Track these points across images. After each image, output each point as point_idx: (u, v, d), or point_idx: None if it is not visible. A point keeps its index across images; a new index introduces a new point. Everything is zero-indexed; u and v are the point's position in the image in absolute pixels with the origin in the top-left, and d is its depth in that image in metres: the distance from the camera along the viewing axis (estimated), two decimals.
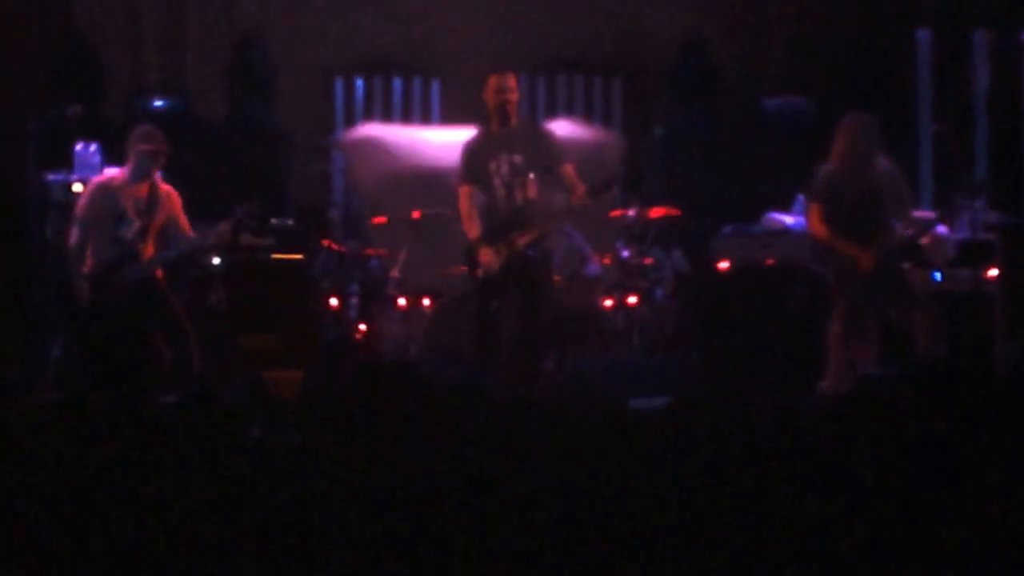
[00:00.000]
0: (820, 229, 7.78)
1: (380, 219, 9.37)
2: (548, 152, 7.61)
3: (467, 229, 7.58)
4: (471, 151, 7.66)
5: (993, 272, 8.83)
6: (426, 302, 9.13)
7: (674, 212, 9.10)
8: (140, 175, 7.71)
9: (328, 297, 9.28)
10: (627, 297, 9.10)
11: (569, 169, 7.58)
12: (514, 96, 7.58)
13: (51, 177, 9.11)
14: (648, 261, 9.25)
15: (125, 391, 7.23)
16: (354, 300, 9.37)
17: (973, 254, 8.86)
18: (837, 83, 10.46)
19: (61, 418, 3.96)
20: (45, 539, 3.44)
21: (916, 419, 3.79)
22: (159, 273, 7.75)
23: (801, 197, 9.39)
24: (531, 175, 7.51)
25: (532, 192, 7.53)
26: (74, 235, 7.72)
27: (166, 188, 7.81)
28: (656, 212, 9.06)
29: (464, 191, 7.62)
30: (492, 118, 7.58)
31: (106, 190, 7.75)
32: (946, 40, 10.31)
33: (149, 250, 7.66)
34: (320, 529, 3.43)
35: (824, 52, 10.61)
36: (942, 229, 8.75)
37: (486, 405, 3.99)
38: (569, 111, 10.90)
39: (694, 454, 3.62)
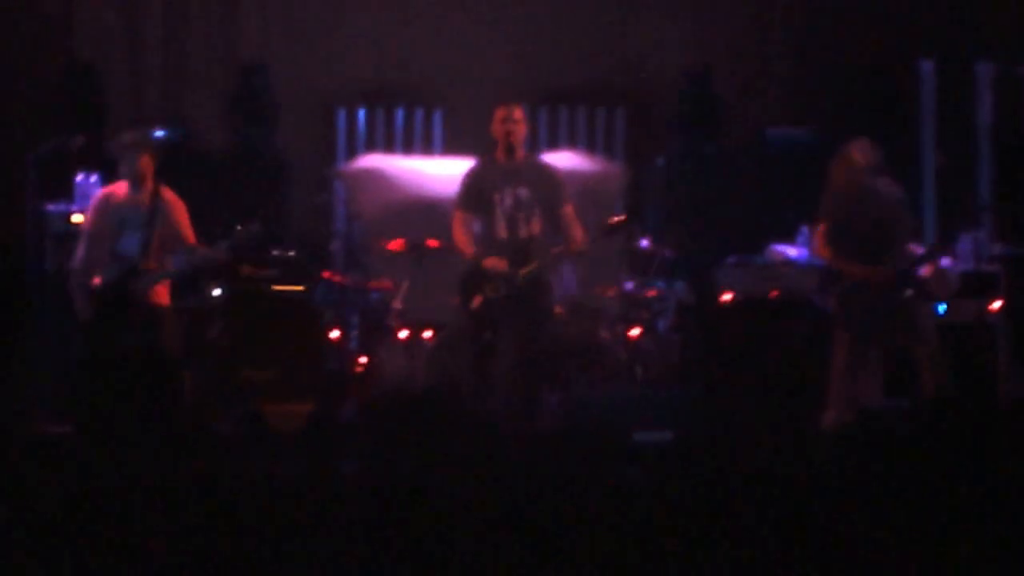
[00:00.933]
0: (825, 251, 7.69)
1: (395, 245, 9.27)
2: (553, 190, 7.57)
3: (463, 250, 7.52)
4: (473, 179, 7.62)
5: (997, 304, 8.81)
6: (427, 334, 9.09)
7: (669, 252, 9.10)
8: (134, 179, 7.49)
9: (329, 329, 9.24)
10: (630, 329, 9.08)
11: (569, 211, 7.55)
12: (521, 128, 7.55)
13: (51, 208, 9.10)
14: (651, 293, 9.23)
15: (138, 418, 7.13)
16: (355, 332, 9.33)
17: (977, 285, 8.83)
18: (840, 113, 10.46)
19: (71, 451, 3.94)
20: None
21: (918, 453, 3.81)
22: (162, 295, 7.53)
23: (805, 229, 9.39)
24: (536, 211, 7.47)
25: (536, 228, 7.49)
26: (79, 250, 7.58)
27: (170, 197, 7.61)
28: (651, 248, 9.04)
29: (460, 216, 7.58)
30: (498, 149, 7.54)
31: (107, 201, 7.57)
32: (949, 71, 10.32)
33: (152, 265, 7.46)
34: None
35: (827, 82, 10.61)
36: (945, 261, 8.70)
37: (487, 437, 3.97)
38: (572, 142, 10.89)
39: (698, 488, 3.62)
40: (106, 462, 3.79)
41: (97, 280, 7.41)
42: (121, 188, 7.60)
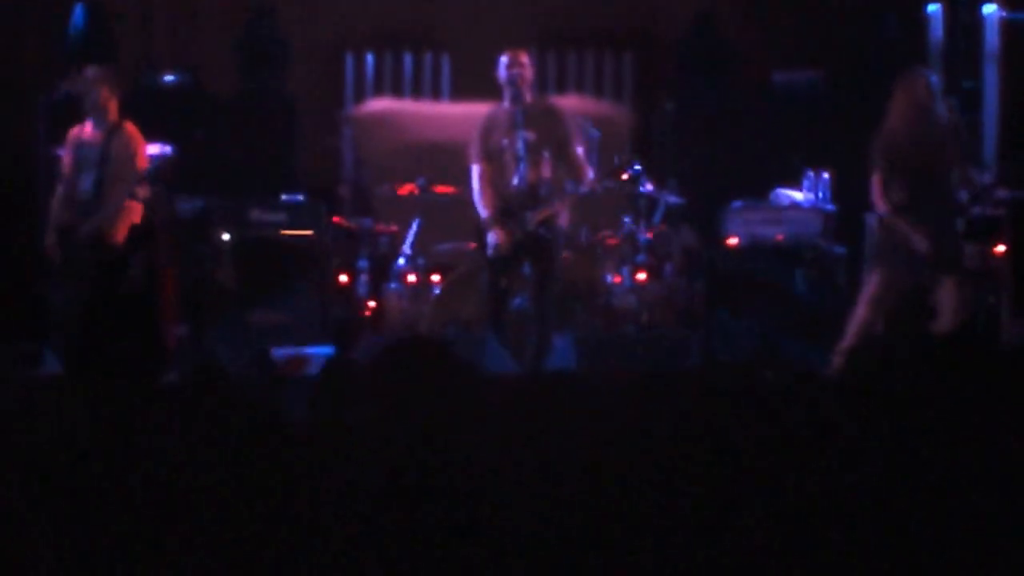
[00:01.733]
0: (882, 204, 7.61)
1: (404, 189, 9.28)
2: (561, 132, 7.58)
3: (480, 207, 7.56)
4: (484, 129, 7.63)
5: (1001, 248, 8.79)
6: (435, 278, 9.13)
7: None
8: (96, 114, 7.44)
9: (338, 273, 9.27)
10: (636, 273, 9.10)
11: (580, 151, 7.58)
12: (527, 72, 7.55)
13: (61, 152, 9.12)
14: (656, 237, 9.25)
15: (103, 369, 7.11)
16: (363, 277, 9.37)
17: (981, 230, 8.81)
18: (847, 56, 10.42)
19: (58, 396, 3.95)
20: (41, 528, 3.45)
21: (923, 393, 3.79)
22: (115, 232, 7.47)
23: (810, 173, 9.40)
24: (545, 153, 7.48)
25: (545, 171, 7.50)
26: (57, 191, 7.55)
27: (129, 131, 7.54)
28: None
29: (477, 169, 7.61)
30: (504, 95, 7.55)
31: (74, 141, 7.51)
32: (957, 14, 10.25)
33: (102, 203, 7.42)
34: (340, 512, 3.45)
35: (834, 25, 10.56)
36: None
37: (496, 384, 3.99)
38: (579, 86, 10.88)
39: (699, 422, 3.63)
40: (100, 408, 3.80)
41: (58, 222, 7.42)
42: (87, 126, 7.55)
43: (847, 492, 3.47)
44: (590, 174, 7.61)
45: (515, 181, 7.49)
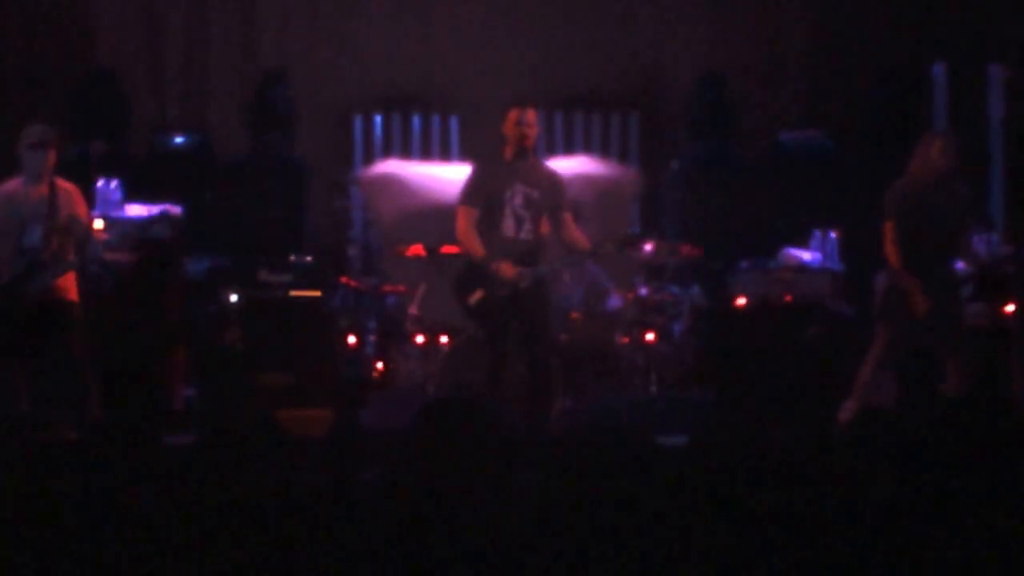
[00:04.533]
0: (891, 252, 7.59)
1: (412, 250, 9.29)
2: (558, 195, 7.55)
3: (471, 248, 7.41)
4: (482, 176, 7.55)
5: (1010, 307, 8.78)
6: (444, 339, 9.10)
7: (696, 251, 9.07)
8: (32, 174, 7.40)
9: (346, 335, 9.27)
10: (645, 333, 9.07)
11: (569, 217, 7.53)
12: (534, 131, 7.50)
13: None
14: (666, 297, 9.24)
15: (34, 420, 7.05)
16: (372, 337, 9.35)
17: (990, 288, 8.80)
18: (853, 117, 10.46)
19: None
20: None
21: (932, 455, 3.85)
22: (70, 289, 7.37)
23: (818, 233, 9.40)
24: (543, 213, 7.46)
25: (543, 229, 7.48)
26: None
27: (66, 186, 7.51)
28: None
29: (466, 211, 7.46)
30: (508, 149, 7.51)
31: (7, 197, 7.46)
32: (962, 74, 10.29)
33: (54, 256, 7.32)
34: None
35: (840, 86, 10.61)
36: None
37: (503, 444, 3.99)
38: (586, 147, 10.91)
39: (714, 490, 3.66)
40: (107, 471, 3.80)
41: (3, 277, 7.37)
42: (14, 184, 7.50)
43: (856, 553, 3.49)
44: (584, 241, 7.56)
45: (515, 235, 7.44)
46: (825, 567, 3.50)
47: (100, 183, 9.23)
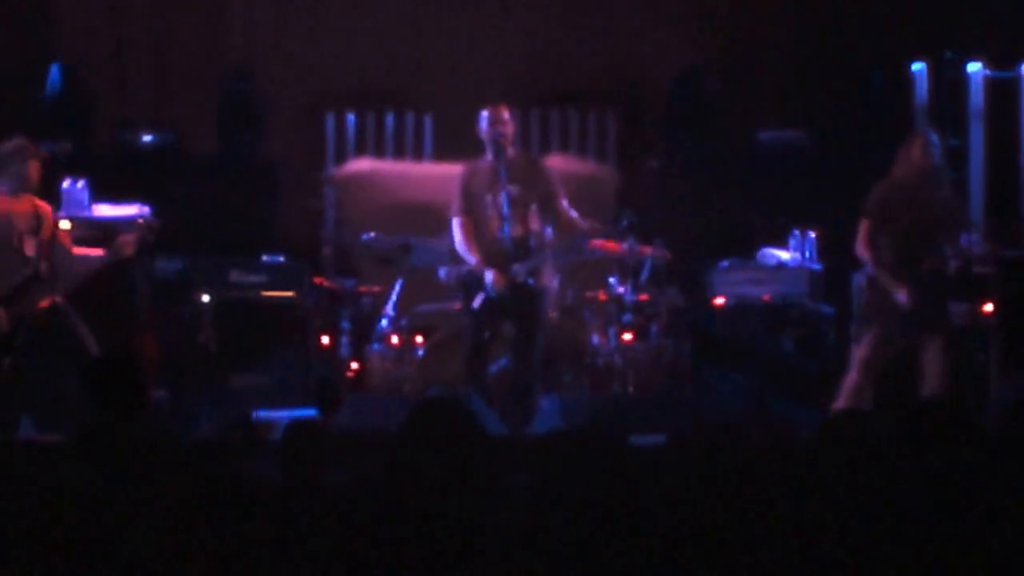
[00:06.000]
0: (865, 251, 7.63)
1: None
2: (545, 185, 7.61)
3: (467, 255, 7.57)
4: (465, 182, 7.65)
5: (989, 306, 8.78)
6: (419, 339, 9.06)
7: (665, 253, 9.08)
8: (18, 186, 7.38)
9: (320, 335, 9.18)
10: (621, 334, 9.05)
11: (564, 204, 7.57)
12: (508, 128, 7.59)
13: None
14: (642, 297, 9.22)
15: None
16: (346, 338, 9.29)
17: (969, 288, 8.81)
18: (833, 116, 10.44)
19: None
20: None
21: (911, 455, 3.81)
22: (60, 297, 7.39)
23: (797, 232, 9.37)
24: (531, 207, 7.51)
25: (533, 224, 7.55)
26: None
27: (42, 203, 7.52)
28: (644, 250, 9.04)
29: (459, 222, 7.62)
30: (486, 150, 7.56)
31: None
32: (942, 72, 10.29)
33: (48, 269, 7.33)
34: None
35: (819, 84, 10.59)
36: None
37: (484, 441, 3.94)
38: (563, 145, 10.88)
39: (692, 491, 3.64)
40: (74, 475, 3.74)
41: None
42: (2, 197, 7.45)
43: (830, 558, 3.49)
44: (583, 222, 7.61)
45: (500, 235, 7.50)
46: (803, 567, 3.50)
47: (66, 183, 9.12)
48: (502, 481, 3.72)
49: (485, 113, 7.59)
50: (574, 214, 7.66)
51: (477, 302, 7.52)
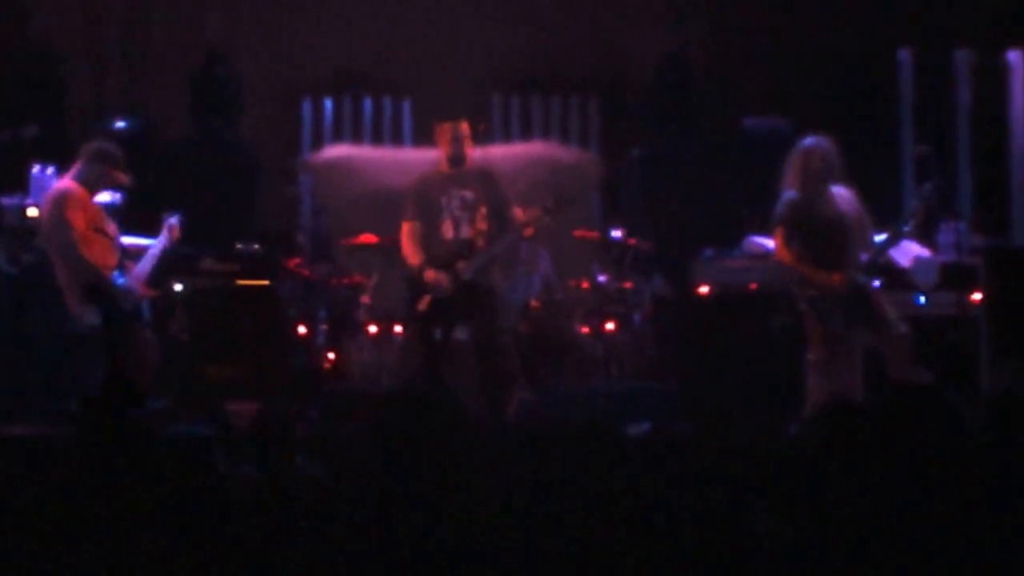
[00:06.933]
0: (785, 254, 7.62)
1: (363, 239, 9.16)
2: (497, 193, 7.76)
3: (410, 257, 7.70)
4: (418, 189, 7.81)
5: (977, 296, 8.75)
6: (397, 329, 8.94)
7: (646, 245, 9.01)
8: (95, 190, 7.47)
9: (296, 324, 9.07)
10: (604, 323, 8.98)
11: (517, 212, 7.77)
12: (468, 145, 7.75)
13: (5, 201, 8.85)
14: (626, 285, 9.15)
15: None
16: (323, 327, 9.18)
17: (957, 278, 8.77)
18: (818, 103, 10.38)
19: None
20: None
21: (897, 444, 3.76)
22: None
23: None
24: (482, 210, 7.67)
25: (482, 225, 7.68)
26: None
27: None
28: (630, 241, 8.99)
29: (407, 227, 7.76)
30: (444, 160, 7.76)
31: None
32: (928, 59, 10.26)
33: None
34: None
35: (805, 72, 10.54)
36: (925, 253, 8.63)
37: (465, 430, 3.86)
38: (545, 131, 10.81)
39: (676, 481, 3.61)
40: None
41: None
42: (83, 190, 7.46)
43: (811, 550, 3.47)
44: (521, 216, 7.75)
45: (454, 235, 7.66)
46: (792, 557, 3.45)
47: (35, 169, 8.96)
48: (484, 471, 3.60)
49: (445, 128, 7.73)
50: (520, 213, 7.75)
51: (423, 304, 7.59)
